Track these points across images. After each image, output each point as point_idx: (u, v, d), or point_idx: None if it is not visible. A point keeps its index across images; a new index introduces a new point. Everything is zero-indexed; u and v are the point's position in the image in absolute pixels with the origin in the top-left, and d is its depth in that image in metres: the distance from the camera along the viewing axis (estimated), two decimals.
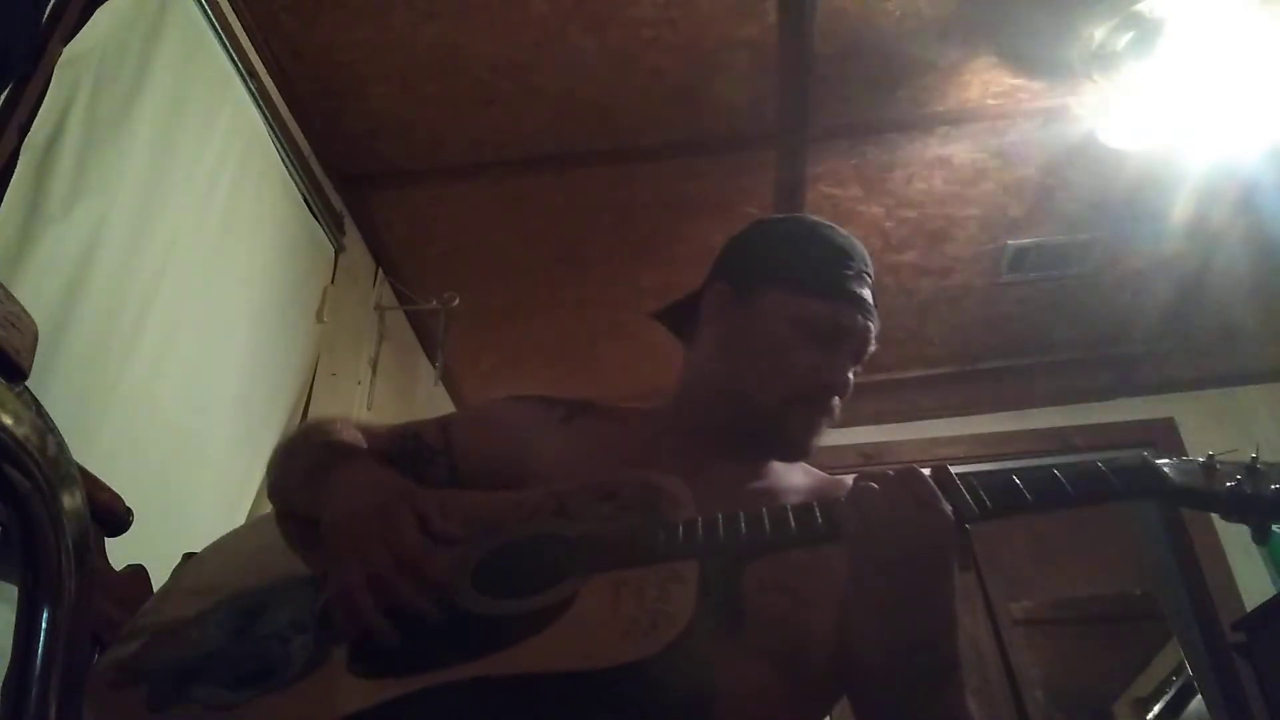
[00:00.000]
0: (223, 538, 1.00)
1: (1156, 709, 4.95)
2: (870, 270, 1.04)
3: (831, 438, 1.02)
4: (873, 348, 1.02)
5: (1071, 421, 3.57)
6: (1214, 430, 3.35)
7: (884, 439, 3.52)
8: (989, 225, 2.83)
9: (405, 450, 1.01)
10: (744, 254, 1.07)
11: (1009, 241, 2.89)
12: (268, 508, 1.06)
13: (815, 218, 1.11)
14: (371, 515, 0.82)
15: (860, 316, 0.99)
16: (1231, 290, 3.07)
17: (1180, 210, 2.69)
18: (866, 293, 1.01)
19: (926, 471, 0.78)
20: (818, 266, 1.00)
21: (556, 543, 0.82)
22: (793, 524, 0.78)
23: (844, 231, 1.07)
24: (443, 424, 1.05)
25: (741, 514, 0.80)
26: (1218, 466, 0.77)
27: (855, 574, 0.78)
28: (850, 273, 1.00)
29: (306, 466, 0.96)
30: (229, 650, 0.79)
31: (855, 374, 1.01)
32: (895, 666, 0.78)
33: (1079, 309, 3.23)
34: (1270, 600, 2.79)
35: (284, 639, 0.78)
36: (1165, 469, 0.77)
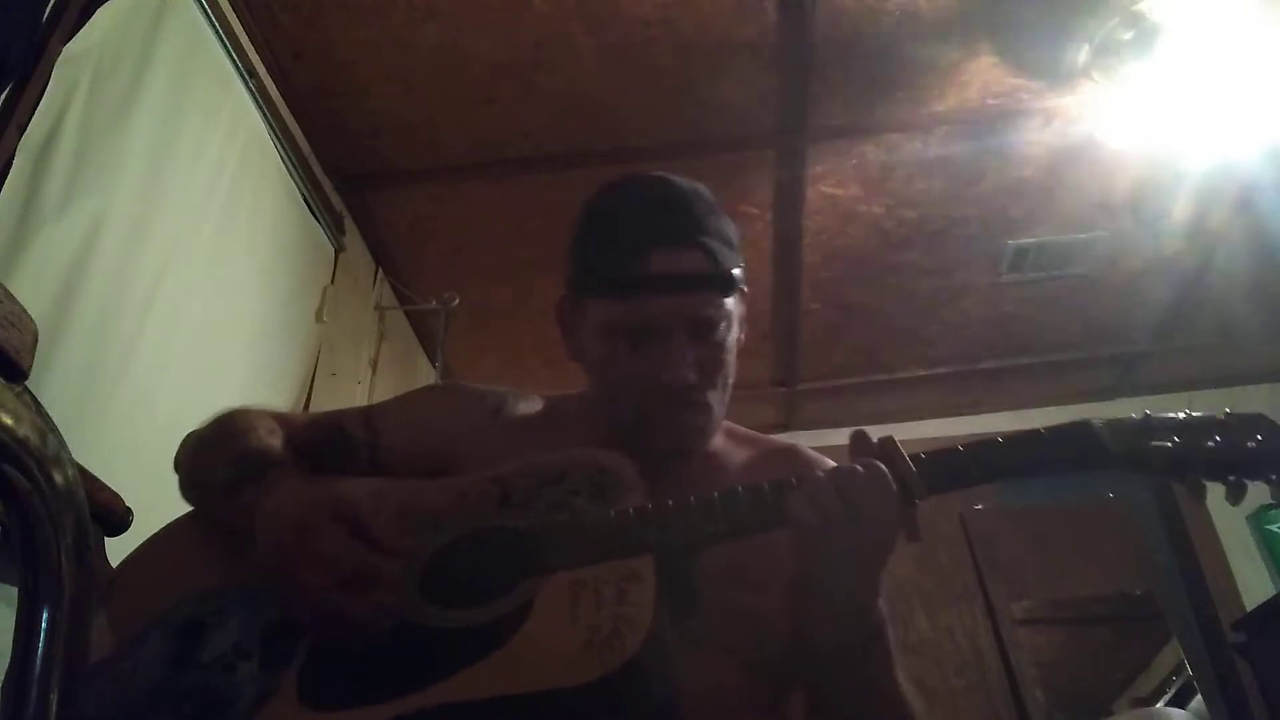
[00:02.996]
0: (143, 547, 0.93)
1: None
2: (686, 217, 0.88)
3: (831, 438, 1.00)
4: (726, 308, 0.89)
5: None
6: None
7: None
8: (989, 225, 2.83)
9: (326, 441, 0.96)
10: (567, 256, 0.96)
11: (1009, 241, 2.89)
12: None
13: (630, 180, 0.95)
14: (294, 541, 0.75)
15: (670, 298, 0.86)
16: (1231, 290, 3.07)
17: (1180, 210, 2.69)
18: (676, 263, 0.86)
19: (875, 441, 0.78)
20: (608, 260, 0.89)
21: (506, 537, 0.79)
22: (746, 512, 0.77)
23: (650, 187, 0.92)
24: (367, 414, 1.00)
25: (693, 500, 0.77)
26: (1154, 425, 0.78)
27: (806, 563, 0.77)
28: (645, 252, 0.86)
29: (224, 479, 0.88)
30: (171, 684, 0.74)
31: (719, 344, 0.89)
32: (835, 638, 0.78)
33: (1079, 309, 3.23)
34: (1270, 600, 2.79)
35: (228, 666, 0.74)
36: (1101, 432, 0.78)
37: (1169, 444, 0.76)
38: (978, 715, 3.23)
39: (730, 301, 0.90)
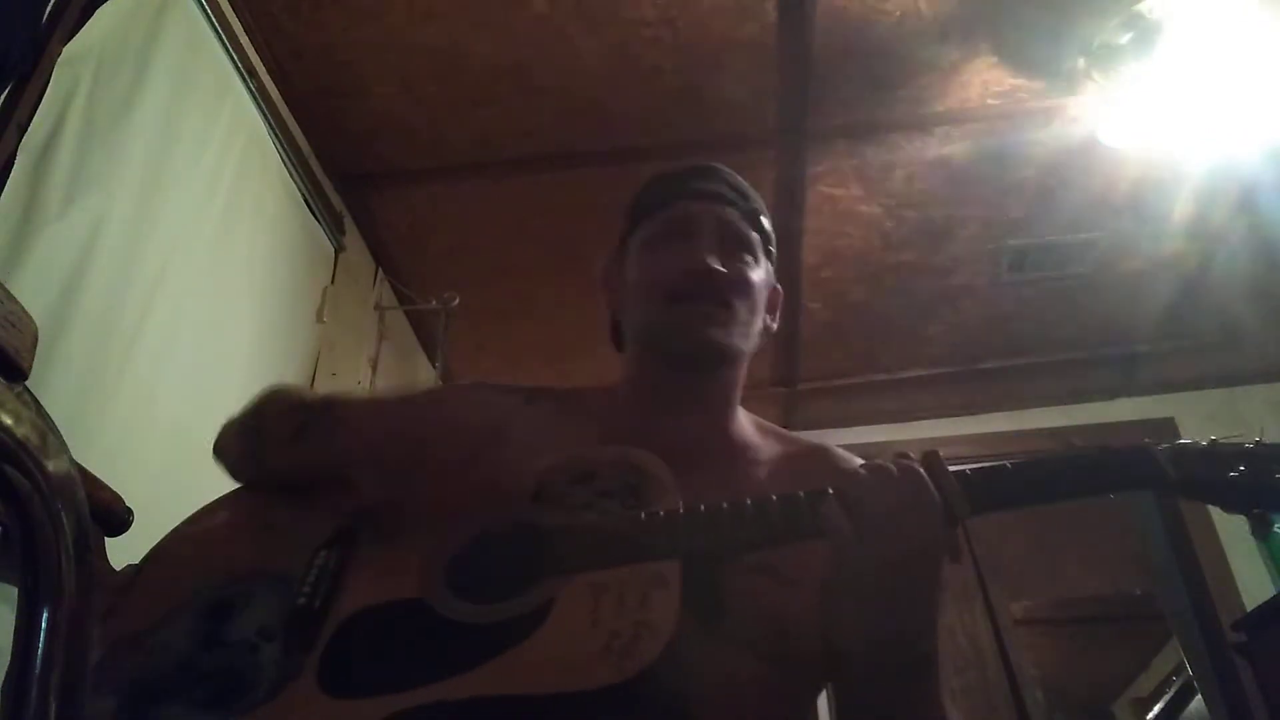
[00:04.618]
0: (188, 521, 0.96)
1: (1156, 709, 4.96)
2: (727, 177, 1.03)
3: (831, 438, 1.00)
4: (754, 239, 0.99)
5: (1071, 421, 3.57)
6: (1214, 430, 3.29)
7: (884, 439, 3.51)
8: (989, 225, 2.83)
9: None
10: (622, 221, 1.09)
11: (1009, 241, 2.89)
12: None
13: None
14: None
15: (703, 203, 0.99)
16: (1231, 290, 3.07)
17: (1180, 210, 2.69)
18: (714, 186, 1.00)
19: (917, 456, 0.75)
20: (656, 192, 1.03)
21: (532, 535, 0.78)
22: (779, 520, 0.75)
23: (707, 164, 1.07)
24: (402, 400, 1.05)
25: (724, 506, 0.76)
26: (1218, 453, 0.74)
27: (840, 573, 0.74)
28: (690, 182, 1.01)
29: (289, 426, 0.94)
30: (197, 662, 0.76)
31: (745, 262, 0.97)
32: (873, 660, 0.75)
33: (1079, 309, 3.23)
34: (1270, 600, 2.78)
35: (253, 647, 0.76)
36: (1163, 460, 0.74)
37: (1235, 474, 0.72)
38: (978, 715, 3.23)
39: (758, 242, 0.99)
